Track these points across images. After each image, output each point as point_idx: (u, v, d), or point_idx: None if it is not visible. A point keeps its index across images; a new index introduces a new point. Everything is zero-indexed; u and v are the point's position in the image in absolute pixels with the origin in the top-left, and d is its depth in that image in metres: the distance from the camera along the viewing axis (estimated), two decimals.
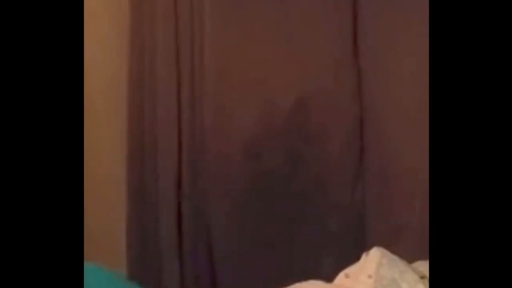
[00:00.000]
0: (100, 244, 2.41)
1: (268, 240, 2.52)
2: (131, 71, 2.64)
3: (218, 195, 2.57)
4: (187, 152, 2.59)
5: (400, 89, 2.41)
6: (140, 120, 2.65)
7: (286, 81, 2.49)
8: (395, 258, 1.80)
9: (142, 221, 2.66)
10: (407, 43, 2.39)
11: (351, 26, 2.42)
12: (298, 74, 2.48)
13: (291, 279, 1.87)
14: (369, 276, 1.77)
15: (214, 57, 2.54)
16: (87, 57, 1.68)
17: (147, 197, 2.65)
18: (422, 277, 1.77)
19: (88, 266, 1.53)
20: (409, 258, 1.86)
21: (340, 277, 1.84)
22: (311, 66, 2.47)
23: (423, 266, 1.85)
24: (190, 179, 2.59)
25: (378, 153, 2.45)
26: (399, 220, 2.42)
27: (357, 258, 1.99)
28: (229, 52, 2.53)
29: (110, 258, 2.44)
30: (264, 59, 2.51)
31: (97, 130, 2.62)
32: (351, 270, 1.85)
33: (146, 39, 2.62)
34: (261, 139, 2.53)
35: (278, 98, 2.50)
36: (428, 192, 2.21)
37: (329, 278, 1.86)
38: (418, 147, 2.33)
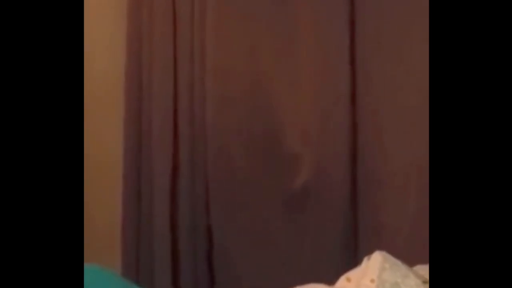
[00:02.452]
0: (95, 243, 2.39)
1: (268, 239, 2.51)
2: (128, 71, 2.63)
3: (218, 193, 2.55)
4: (187, 151, 2.58)
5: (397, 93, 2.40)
6: (136, 119, 2.64)
7: (286, 80, 2.48)
8: (397, 262, 1.79)
9: (137, 220, 2.65)
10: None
11: (348, 28, 2.42)
12: (298, 73, 2.47)
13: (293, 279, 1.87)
14: (372, 281, 1.76)
15: (215, 55, 2.53)
16: (85, 58, 1.67)
17: (143, 195, 2.64)
18: (424, 282, 1.76)
19: (87, 266, 1.51)
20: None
21: (342, 281, 1.83)
22: (310, 65, 2.46)
23: (424, 270, 1.84)
24: (188, 177, 2.58)
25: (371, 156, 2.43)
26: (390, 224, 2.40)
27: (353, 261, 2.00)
28: (231, 50, 2.52)
29: (105, 257, 2.42)
30: (265, 56, 2.50)
31: (94, 130, 2.61)
32: (352, 273, 1.84)
33: (144, 39, 2.62)
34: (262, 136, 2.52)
35: (278, 96, 2.50)
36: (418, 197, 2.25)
37: (330, 281, 1.85)
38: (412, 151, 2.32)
